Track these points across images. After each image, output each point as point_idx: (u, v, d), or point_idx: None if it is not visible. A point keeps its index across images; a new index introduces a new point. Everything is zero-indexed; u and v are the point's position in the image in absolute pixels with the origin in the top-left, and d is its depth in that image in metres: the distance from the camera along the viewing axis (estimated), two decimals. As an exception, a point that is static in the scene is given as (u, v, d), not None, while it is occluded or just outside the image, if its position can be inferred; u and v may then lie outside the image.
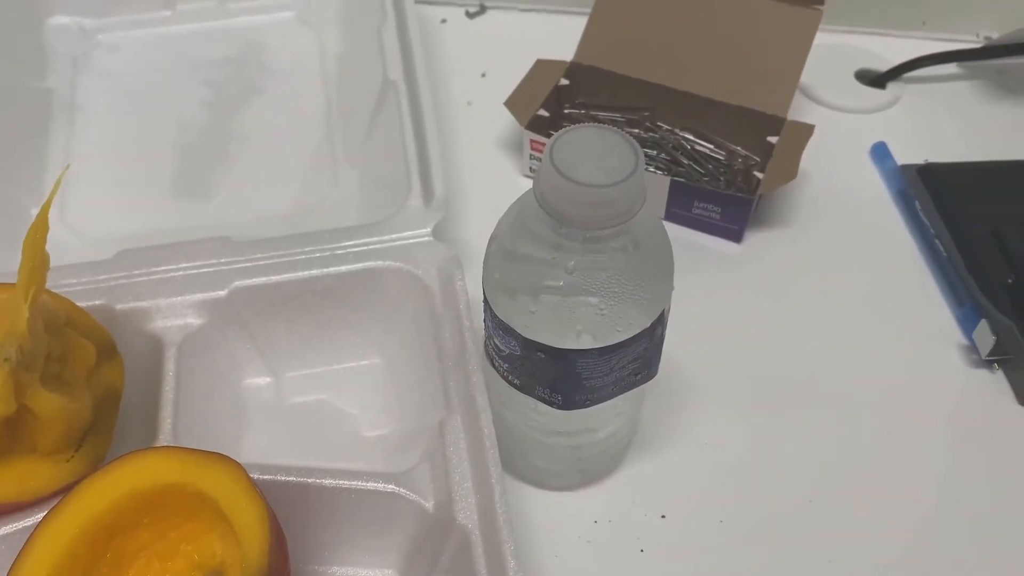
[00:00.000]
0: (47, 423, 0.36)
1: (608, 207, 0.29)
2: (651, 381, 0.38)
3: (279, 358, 0.45)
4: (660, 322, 0.34)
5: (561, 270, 0.31)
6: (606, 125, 0.31)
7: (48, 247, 0.37)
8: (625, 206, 0.30)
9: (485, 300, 0.35)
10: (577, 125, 0.31)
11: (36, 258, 0.36)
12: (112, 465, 0.35)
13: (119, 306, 0.43)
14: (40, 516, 0.35)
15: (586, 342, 0.32)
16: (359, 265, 0.44)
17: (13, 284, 0.37)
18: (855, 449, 0.44)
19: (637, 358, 0.34)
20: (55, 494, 0.36)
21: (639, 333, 0.33)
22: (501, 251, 0.33)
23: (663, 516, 0.41)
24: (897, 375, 0.47)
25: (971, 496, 0.42)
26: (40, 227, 0.36)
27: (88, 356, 0.39)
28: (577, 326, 0.32)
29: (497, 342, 0.35)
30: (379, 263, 0.44)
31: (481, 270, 0.35)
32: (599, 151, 0.30)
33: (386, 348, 0.46)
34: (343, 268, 0.44)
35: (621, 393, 0.36)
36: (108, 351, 0.41)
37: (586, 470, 0.42)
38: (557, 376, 0.34)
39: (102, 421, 0.40)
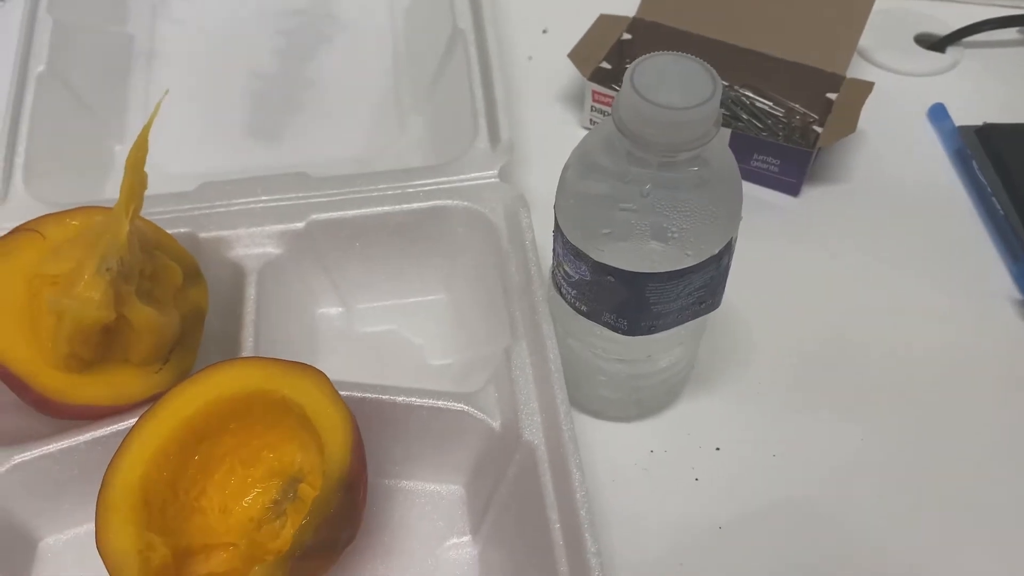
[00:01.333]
0: (140, 333, 0.39)
1: (685, 129, 0.31)
2: (710, 320, 0.39)
3: (351, 289, 0.48)
4: (727, 251, 0.35)
5: (636, 193, 0.33)
6: (685, 53, 0.32)
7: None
8: (702, 130, 0.31)
9: (556, 226, 0.37)
10: (656, 52, 0.32)
11: (136, 176, 0.38)
12: (203, 372, 0.37)
13: (202, 234, 0.45)
14: (132, 420, 0.38)
15: (656, 266, 0.34)
16: (429, 203, 0.46)
17: (109, 208, 0.39)
18: (909, 400, 0.45)
19: (703, 286, 0.36)
20: (145, 401, 0.39)
21: (707, 260, 0.34)
22: (577, 175, 0.35)
23: (717, 448, 0.43)
24: (953, 330, 0.48)
25: None
26: (140, 148, 0.38)
27: (175, 277, 0.42)
28: (647, 251, 0.34)
29: (567, 268, 0.37)
30: (448, 202, 0.46)
31: (545, 213, 0.36)
32: (678, 76, 0.31)
33: (452, 283, 0.48)
34: (414, 205, 0.46)
35: (685, 321, 0.37)
36: (193, 275, 0.43)
37: (644, 401, 0.43)
38: (625, 301, 0.36)
39: (188, 338, 0.42)
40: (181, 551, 0.35)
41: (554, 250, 0.38)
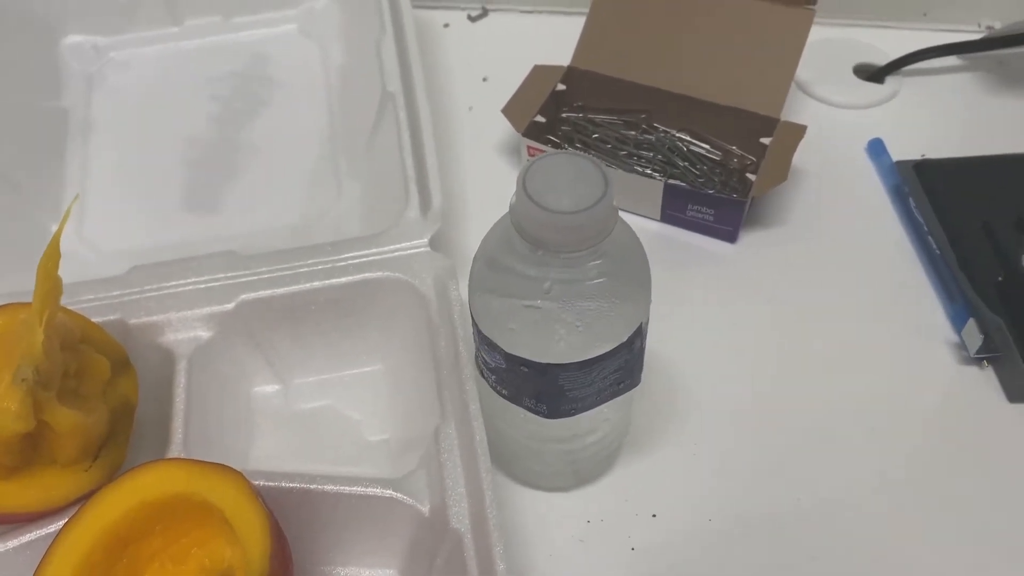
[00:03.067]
0: (65, 436, 0.39)
1: (579, 232, 0.31)
2: (641, 385, 0.39)
3: (286, 366, 0.47)
4: (639, 335, 0.35)
5: (539, 290, 0.33)
6: (578, 152, 0.32)
7: (65, 262, 0.38)
8: (595, 230, 0.31)
9: (472, 316, 0.37)
10: (549, 152, 0.32)
11: (49, 283, 0.38)
12: (124, 478, 0.37)
13: (132, 320, 0.45)
14: (61, 523, 0.37)
15: (566, 356, 0.34)
16: (359, 276, 0.46)
17: (30, 304, 0.39)
18: (845, 448, 0.45)
19: (618, 369, 0.36)
20: (75, 502, 0.39)
21: (618, 347, 0.34)
22: (482, 272, 0.35)
23: (654, 515, 0.43)
24: (888, 373, 0.48)
25: (960, 493, 0.43)
26: (52, 255, 0.38)
27: (103, 370, 0.42)
28: (556, 341, 0.34)
29: (484, 355, 0.37)
30: (378, 274, 0.46)
31: None
32: (570, 178, 0.31)
33: (387, 354, 0.48)
34: (344, 280, 0.46)
35: (605, 402, 0.37)
36: (122, 365, 0.43)
37: (579, 471, 0.43)
38: (541, 388, 0.36)
39: (118, 432, 0.42)
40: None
41: (474, 337, 0.38)
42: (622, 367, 0.36)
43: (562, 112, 0.58)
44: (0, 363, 0.38)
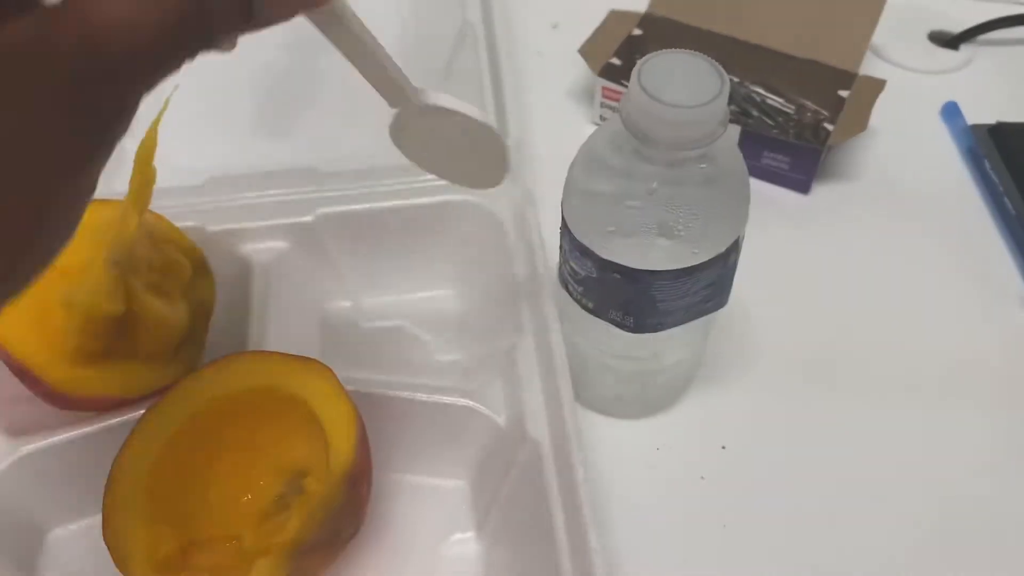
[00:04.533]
0: (149, 327, 0.39)
1: (692, 128, 0.31)
2: (718, 317, 0.39)
3: (359, 284, 0.48)
4: (734, 248, 0.35)
5: (642, 190, 0.33)
6: (692, 51, 0.32)
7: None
8: (709, 128, 0.31)
9: (563, 223, 0.36)
10: (664, 50, 0.32)
11: (145, 172, 0.38)
12: (209, 367, 0.37)
13: (211, 228, 0.45)
14: (140, 412, 0.38)
15: (662, 263, 0.34)
16: (436, 199, 0.46)
17: (118, 201, 0.39)
18: (918, 400, 0.44)
19: (710, 284, 0.36)
20: (153, 394, 0.39)
21: (713, 258, 0.34)
22: (584, 172, 0.35)
23: (723, 447, 0.43)
24: (961, 329, 0.47)
25: (1030, 444, 0.43)
26: (149, 144, 0.38)
27: (184, 271, 0.42)
28: (654, 247, 0.34)
29: (573, 265, 0.37)
30: (455, 197, 0.46)
31: (553, 210, 0.36)
32: (685, 74, 0.31)
33: (460, 279, 0.48)
34: (422, 200, 0.46)
35: (692, 319, 0.37)
36: (201, 268, 0.43)
37: (649, 398, 0.43)
38: (631, 298, 0.36)
39: (195, 332, 0.42)
40: (186, 543, 0.36)
41: (560, 247, 0.38)
42: (714, 282, 0.36)
43: (636, 57, 0.58)
44: (92, 250, 0.38)
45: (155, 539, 0.34)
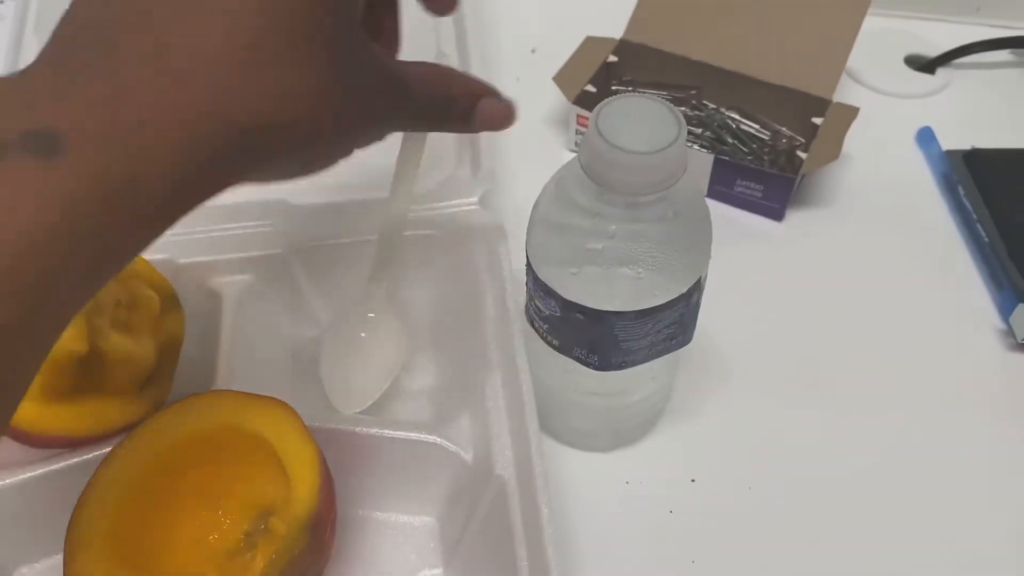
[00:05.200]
0: (115, 364, 0.39)
1: (650, 174, 0.31)
2: (686, 351, 0.39)
3: (328, 316, 0.48)
4: (696, 288, 0.35)
5: (602, 235, 0.33)
6: (651, 95, 0.32)
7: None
8: (666, 173, 0.31)
9: (528, 263, 0.36)
10: (622, 94, 0.32)
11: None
12: (174, 407, 0.37)
13: (181, 260, 0.45)
14: (106, 450, 0.38)
15: (624, 304, 0.34)
16: (408, 232, 0.46)
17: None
18: (887, 429, 0.44)
19: (673, 323, 0.36)
20: (121, 430, 0.39)
21: (676, 298, 0.34)
22: (545, 216, 0.35)
23: (693, 480, 0.43)
24: (934, 358, 0.47)
25: (1007, 480, 0.43)
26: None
27: (152, 306, 0.42)
28: (616, 289, 0.34)
29: (538, 304, 0.37)
30: (427, 231, 0.46)
31: (524, 240, 0.36)
32: (643, 119, 0.31)
33: (431, 311, 0.48)
34: (393, 233, 0.46)
35: (656, 357, 0.37)
36: (171, 302, 0.43)
37: (619, 432, 0.43)
38: (595, 337, 0.36)
39: (164, 367, 0.42)
40: (154, 584, 0.36)
41: (527, 284, 0.38)
42: (677, 321, 0.36)
43: (612, 84, 0.58)
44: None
45: (118, 585, 0.34)
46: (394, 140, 0.55)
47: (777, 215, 0.53)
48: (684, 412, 0.45)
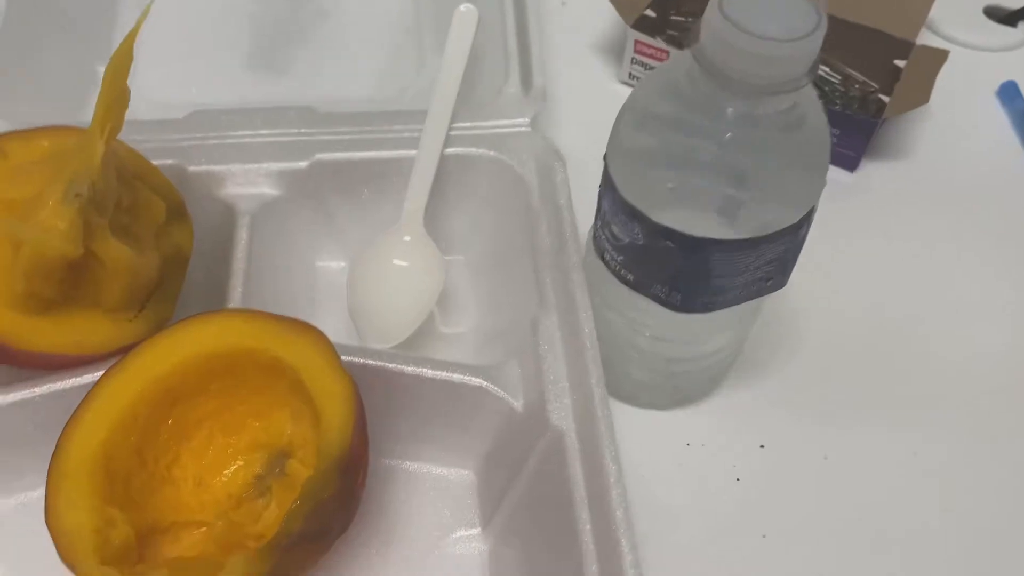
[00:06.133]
0: (113, 274, 0.33)
1: (782, 66, 0.26)
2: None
3: (356, 242, 0.42)
4: (807, 220, 0.30)
5: (712, 142, 0.27)
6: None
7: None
8: (800, 69, 0.26)
9: (606, 181, 0.31)
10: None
11: (116, 90, 0.32)
12: (181, 324, 0.32)
13: (191, 168, 0.40)
14: (97, 375, 0.32)
15: (725, 232, 0.29)
16: (450, 150, 0.41)
17: (85, 129, 0.33)
18: (970, 403, 0.40)
19: (774, 259, 0.31)
20: (113, 354, 0.33)
21: (785, 229, 0.29)
22: (639, 120, 0.29)
23: (761, 446, 0.38)
24: (1010, 328, 0.43)
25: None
26: (123, 56, 0.32)
27: (157, 213, 0.36)
28: (717, 213, 0.29)
29: (615, 231, 0.31)
30: (472, 150, 0.41)
31: (578, 172, 0.31)
32: (773, 4, 0.26)
33: (472, 243, 0.42)
34: (433, 150, 0.41)
35: (747, 299, 0.32)
36: (178, 212, 0.38)
37: (682, 387, 0.38)
38: (682, 271, 0.31)
39: (167, 284, 0.36)
40: (146, 529, 0.30)
41: (599, 209, 0.33)
42: (779, 257, 0.31)
43: (671, 13, 0.52)
44: (48, 181, 0.32)
45: (107, 525, 0.29)
46: (434, 52, 0.50)
47: (851, 164, 0.48)
48: (751, 373, 0.40)
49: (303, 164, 0.40)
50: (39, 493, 0.34)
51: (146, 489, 0.31)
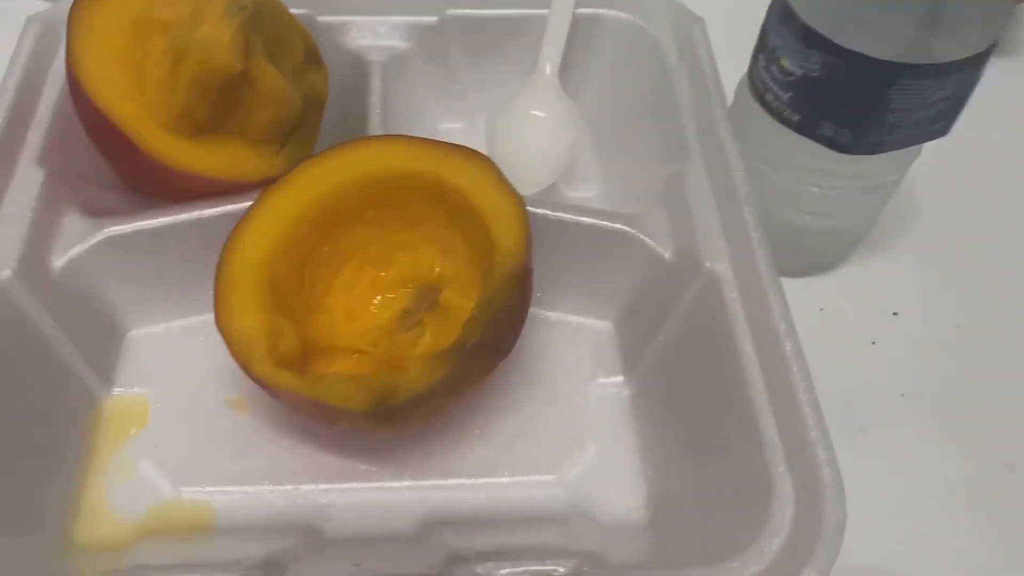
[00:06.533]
0: (263, 100, 0.33)
1: None
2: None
3: (482, 102, 0.41)
4: (985, 57, 0.30)
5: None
6: None
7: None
8: None
9: (782, 11, 0.31)
10: None
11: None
12: (342, 146, 0.31)
13: (320, 17, 0.39)
14: (243, 204, 0.32)
15: (915, 54, 0.28)
16: (585, 10, 0.40)
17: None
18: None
19: (948, 96, 0.30)
20: (256, 185, 0.33)
21: (968, 59, 0.29)
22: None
23: (895, 313, 0.38)
24: None
25: None
26: None
27: (297, 51, 0.36)
28: (906, 35, 0.28)
29: (786, 64, 0.31)
30: (606, 11, 0.40)
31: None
32: None
33: (599, 101, 0.41)
34: (560, 9, 0.40)
35: (915, 143, 0.32)
36: (312, 56, 0.37)
37: (815, 251, 0.38)
38: (859, 104, 0.30)
39: (307, 123, 0.36)
40: (305, 348, 0.30)
41: (764, 46, 0.32)
42: (952, 95, 0.30)
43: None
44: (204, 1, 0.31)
45: (275, 331, 0.28)
46: None
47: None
48: (882, 245, 0.40)
49: (433, 19, 0.39)
50: (181, 324, 0.34)
51: (304, 309, 0.31)
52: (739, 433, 0.28)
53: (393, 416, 0.27)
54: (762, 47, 0.32)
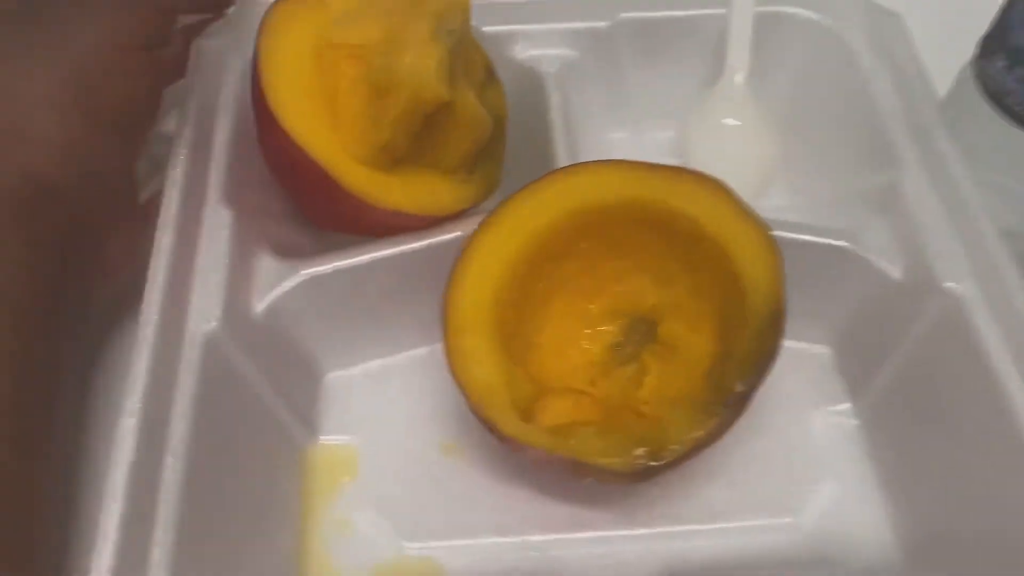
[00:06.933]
0: (463, 127, 0.31)
1: None
2: None
3: (649, 110, 0.39)
4: None
5: None
6: None
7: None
8: None
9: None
10: None
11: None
12: (554, 175, 0.29)
13: (485, 28, 0.37)
14: (442, 237, 0.30)
15: None
16: (766, 8, 0.37)
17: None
18: None
19: None
20: (457, 214, 0.31)
21: None
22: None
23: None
24: None
25: None
26: None
27: (478, 69, 0.34)
28: None
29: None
30: (786, 9, 0.37)
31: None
32: None
33: (790, 111, 0.39)
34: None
35: None
36: (490, 74, 0.35)
37: None
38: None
39: (492, 146, 0.34)
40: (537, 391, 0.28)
41: (1007, 46, 0.30)
42: None
43: None
44: (397, 20, 0.29)
45: (512, 379, 0.27)
46: None
47: None
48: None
49: (603, 24, 0.37)
50: (379, 364, 0.33)
51: (521, 349, 0.29)
52: (1012, 472, 0.26)
53: (652, 473, 0.25)
54: (1000, 46, 0.30)
